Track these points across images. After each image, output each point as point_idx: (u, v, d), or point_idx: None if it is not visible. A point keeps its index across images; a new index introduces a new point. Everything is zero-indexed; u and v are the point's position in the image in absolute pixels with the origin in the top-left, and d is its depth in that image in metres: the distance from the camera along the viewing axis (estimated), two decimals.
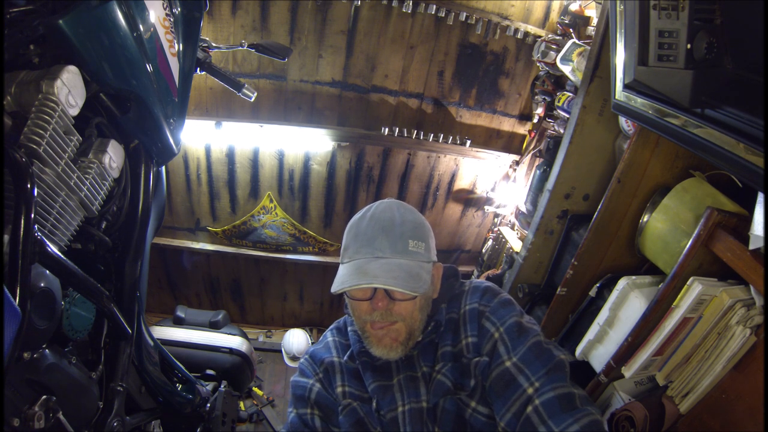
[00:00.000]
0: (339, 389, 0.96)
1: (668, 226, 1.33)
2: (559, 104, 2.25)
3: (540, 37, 2.49)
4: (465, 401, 0.87)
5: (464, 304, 0.95)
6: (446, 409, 0.87)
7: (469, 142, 2.76)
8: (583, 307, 1.60)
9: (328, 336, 1.05)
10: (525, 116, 2.85)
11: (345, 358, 0.98)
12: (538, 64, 2.49)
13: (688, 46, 0.88)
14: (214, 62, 1.48)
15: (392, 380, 0.93)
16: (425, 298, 0.91)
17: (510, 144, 2.93)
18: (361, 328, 0.91)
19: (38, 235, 0.74)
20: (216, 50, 1.53)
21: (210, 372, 1.91)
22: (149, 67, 1.01)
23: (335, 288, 0.85)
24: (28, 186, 0.70)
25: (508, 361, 0.84)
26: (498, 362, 0.85)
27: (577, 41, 2.11)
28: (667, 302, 1.15)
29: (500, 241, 3.04)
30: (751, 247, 0.99)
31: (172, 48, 1.10)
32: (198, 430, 1.62)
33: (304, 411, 0.95)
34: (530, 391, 0.80)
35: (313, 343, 3.38)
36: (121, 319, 1.06)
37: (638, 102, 1.07)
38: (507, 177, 2.94)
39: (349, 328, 1.01)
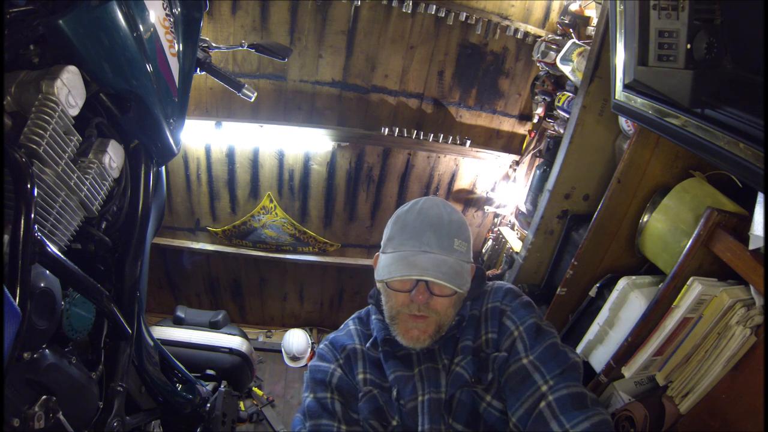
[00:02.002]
0: (360, 376, 0.97)
1: (668, 226, 1.33)
2: (559, 104, 2.25)
3: (540, 37, 2.49)
4: (480, 395, 0.89)
5: (486, 302, 0.97)
6: (462, 401, 0.89)
7: (469, 142, 2.76)
8: (583, 307, 1.60)
9: (350, 324, 1.06)
10: (525, 116, 2.85)
11: (368, 345, 0.99)
12: (538, 64, 2.49)
13: (688, 46, 0.87)
14: (214, 62, 1.48)
15: (413, 370, 0.94)
16: (460, 296, 0.92)
17: (510, 144, 2.93)
18: (392, 316, 0.92)
19: (38, 235, 0.74)
20: (216, 50, 1.53)
21: (210, 372, 1.91)
22: (149, 67, 1.01)
23: (383, 276, 0.87)
24: (28, 186, 0.70)
25: (525, 358, 0.86)
26: (515, 359, 0.88)
27: (577, 41, 2.11)
28: (667, 302, 1.15)
29: (500, 241, 3.04)
30: (751, 247, 0.99)
31: (172, 48, 1.10)
32: (198, 430, 1.61)
33: (323, 395, 0.95)
34: (544, 388, 0.82)
35: (313, 344, 3.40)
36: (121, 319, 1.06)
37: (638, 102, 1.07)
38: (507, 177, 2.94)
39: (372, 317, 1.02)
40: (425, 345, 0.91)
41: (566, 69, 2.09)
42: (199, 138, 2.58)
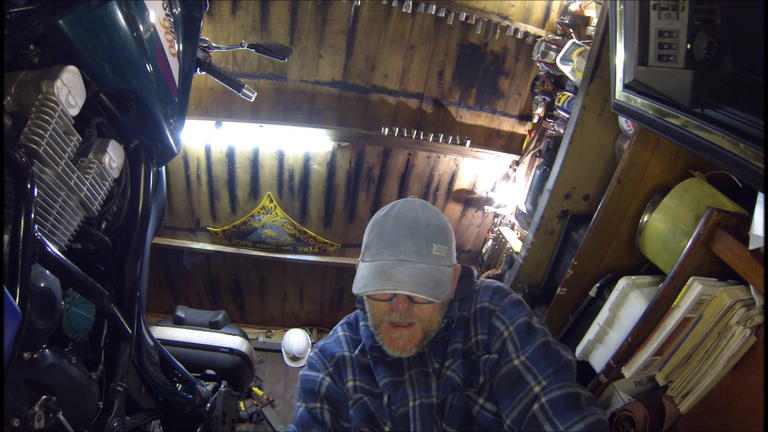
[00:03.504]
0: (350, 383, 0.96)
1: (668, 226, 1.33)
2: (559, 104, 2.25)
3: (540, 37, 2.49)
4: (473, 398, 0.88)
5: (475, 303, 0.96)
6: (454, 405, 0.88)
7: (469, 142, 2.76)
8: (583, 307, 1.60)
9: (339, 330, 1.05)
10: (525, 116, 2.85)
11: (356, 352, 0.99)
12: (538, 64, 2.49)
13: (688, 46, 0.87)
14: (214, 62, 1.48)
15: (403, 375, 0.93)
16: (444, 301, 0.90)
17: (510, 144, 2.93)
18: (375, 325, 0.91)
19: (38, 235, 0.74)
20: (216, 50, 1.53)
21: (210, 372, 1.91)
22: (149, 67, 1.01)
23: (358, 290, 0.85)
24: (28, 186, 0.70)
25: (516, 359, 0.85)
26: (506, 360, 0.86)
27: (577, 41, 2.11)
28: (667, 302, 1.15)
29: (500, 241, 3.04)
30: (751, 247, 0.99)
31: (172, 48, 1.10)
32: (198, 430, 1.62)
33: (313, 405, 0.95)
34: (537, 389, 0.80)
35: (313, 343, 3.40)
36: (121, 319, 1.06)
37: (638, 102, 1.07)
38: (507, 177, 2.94)
39: (361, 323, 1.01)
40: (411, 354, 0.90)
41: (566, 69, 2.09)
42: (199, 138, 2.58)
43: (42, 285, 0.77)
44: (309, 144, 2.67)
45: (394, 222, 0.88)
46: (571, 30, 2.30)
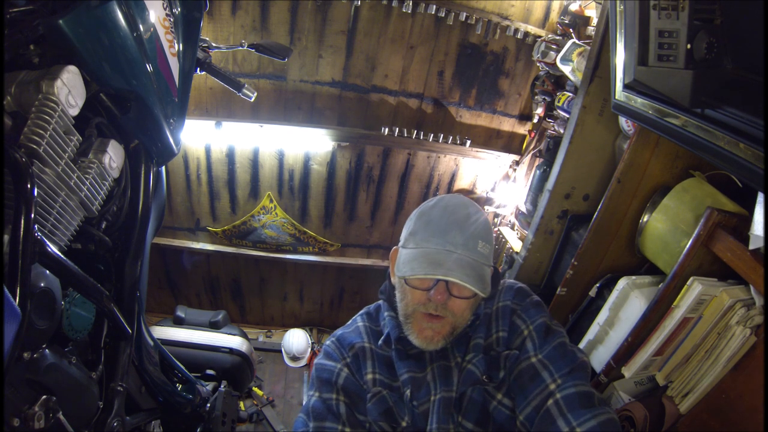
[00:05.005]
0: (369, 376, 0.95)
1: (668, 226, 1.33)
2: (559, 104, 2.25)
3: (540, 37, 2.49)
4: (491, 393, 0.89)
5: (497, 301, 0.97)
6: (472, 399, 0.89)
7: (469, 142, 2.76)
8: (583, 307, 1.60)
9: (359, 321, 1.03)
10: (525, 116, 2.85)
11: (380, 342, 0.97)
12: (538, 64, 2.49)
13: (688, 46, 0.87)
14: (214, 62, 1.48)
15: (426, 370, 0.93)
16: (478, 298, 0.91)
17: (510, 144, 2.93)
18: (407, 314, 0.90)
19: (38, 235, 0.74)
20: (216, 50, 1.53)
21: (210, 372, 1.91)
22: (149, 67, 1.01)
23: (405, 273, 0.84)
24: (28, 186, 0.70)
25: (534, 357, 0.87)
26: (525, 357, 0.88)
27: (577, 41, 2.11)
28: (667, 302, 1.15)
29: (500, 241, 3.04)
30: (751, 247, 0.99)
31: (172, 48, 1.10)
32: (198, 430, 1.61)
33: (329, 395, 0.92)
34: (552, 386, 0.82)
35: (313, 344, 3.39)
36: (121, 319, 1.06)
37: (638, 102, 1.07)
38: (507, 177, 2.94)
39: (384, 313, 1.00)
40: (438, 347, 0.90)
41: (566, 69, 2.09)
42: (199, 138, 2.58)
43: (42, 285, 0.77)
44: (309, 144, 2.67)
45: (443, 213, 0.88)
46: (571, 30, 2.30)
